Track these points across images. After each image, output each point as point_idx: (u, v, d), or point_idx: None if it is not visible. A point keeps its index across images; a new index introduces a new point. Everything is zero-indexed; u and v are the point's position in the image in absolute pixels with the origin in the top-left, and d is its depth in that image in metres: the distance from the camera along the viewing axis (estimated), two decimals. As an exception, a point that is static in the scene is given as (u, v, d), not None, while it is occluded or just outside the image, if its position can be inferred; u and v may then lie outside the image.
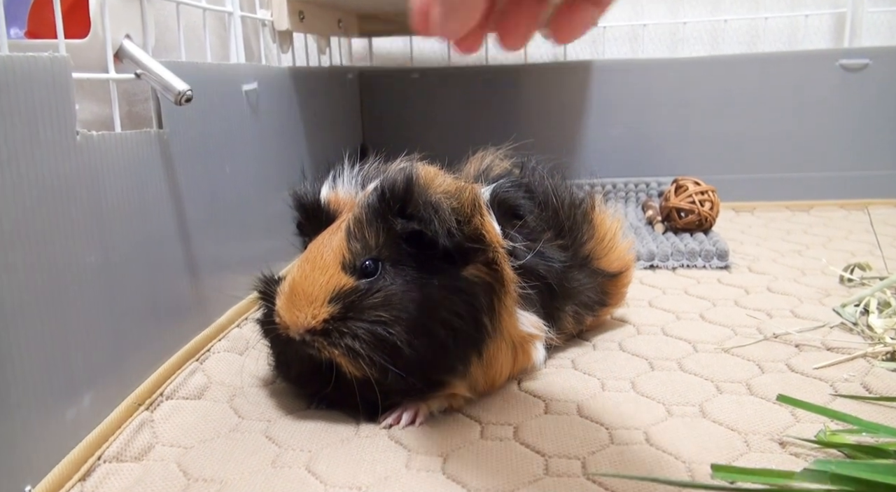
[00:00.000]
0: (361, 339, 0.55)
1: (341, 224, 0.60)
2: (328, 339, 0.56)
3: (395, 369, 0.55)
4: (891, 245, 1.09)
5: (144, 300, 0.63)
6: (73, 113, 0.52)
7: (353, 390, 0.57)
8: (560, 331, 0.70)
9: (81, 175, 0.53)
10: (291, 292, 0.58)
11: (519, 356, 0.64)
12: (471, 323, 0.58)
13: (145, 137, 0.63)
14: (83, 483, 0.51)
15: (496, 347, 0.61)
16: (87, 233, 0.54)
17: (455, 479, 0.52)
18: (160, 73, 0.61)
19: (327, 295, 0.56)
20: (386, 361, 0.55)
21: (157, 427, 0.59)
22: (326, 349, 0.56)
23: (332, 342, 0.56)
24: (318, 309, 0.56)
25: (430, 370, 0.58)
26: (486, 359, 0.61)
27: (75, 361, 0.53)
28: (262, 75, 0.91)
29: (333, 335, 0.56)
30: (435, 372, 0.58)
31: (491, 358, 0.61)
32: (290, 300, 0.57)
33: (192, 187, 0.71)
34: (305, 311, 0.56)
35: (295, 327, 0.57)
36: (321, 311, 0.56)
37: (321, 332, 0.56)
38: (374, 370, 0.55)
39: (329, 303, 0.56)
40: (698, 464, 0.52)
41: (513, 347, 0.63)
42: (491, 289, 0.60)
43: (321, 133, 1.16)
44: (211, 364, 0.70)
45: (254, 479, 0.52)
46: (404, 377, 0.56)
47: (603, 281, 0.75)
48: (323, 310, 0.56)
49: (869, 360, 0.69)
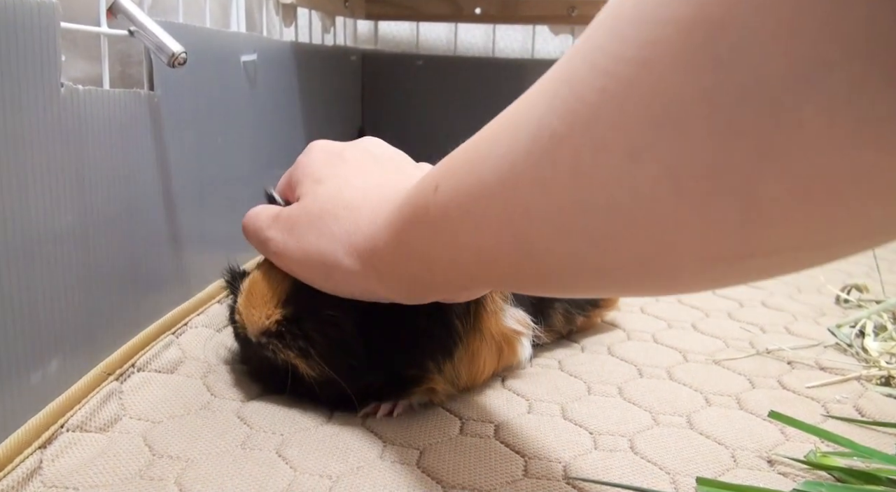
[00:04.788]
0: (313, 340, 0.54)
1: None
2: (282, 341, 0.55)
3: (354, 368, 0.54)
4: (889, 270, 1.07)
5: (122, 267, 0.60)
6: (59, 63, 0.49)
7: (314, 388, 0.56)
8: (549, 328, 0.68)
9: (63, 130, 0.51)
10: (249, 291, 0.57)
11: (504, 352, 0.62)
12: (438, 323, 0.56)
13: (134, 98, 0.60)
14: (43, 451, 0.49)
15: (477, 344, 0.59)
16: (66, 191, 0.52)
17: (430, 473, 0.50)
18: (154, 32, 0.58)
19: (282, 295, 0.55)
20: (340, 361, 0.54)
21: (125, 399, 0.57)
22: (281, 352, 0.55)
23: (286, 344, 0.54)
24: (272, 310, 0.55)
25: (397, 368, 0.56)
26: (468, 355, 0.59)
27: (43, 323, 0.50)
28: (262, 47, 0.88)
29: (287, 338, 0.54)
30: (402, 369, 0.56)
31: (473, 354, 0.59)
32: (247, 299, 0.56)
33: (180, 155, 0.69)
34: (261, 311, 0.55)
35: (251, 328, 0.56)
36: (274, 312, 0.55)
37: (275, 334, 0.55)
38: (330, 370, 0.54)
39: (283, 304, 0.55)
40: (683, 476, 0.51)
41: (497, 343, 0.61)
42: None
43: (319, 112, 1.14)
44: (187, 339, 0.68)
45: (221, 460, 0.50)
46: (367, 374, 0.54)
47: None
48: (276, 311, 0.55)
49: (863, 383, 0.67)
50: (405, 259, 0.46)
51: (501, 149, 0.36)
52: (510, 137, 0.35)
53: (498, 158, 0.36)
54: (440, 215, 0.41)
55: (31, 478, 0.46)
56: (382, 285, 0.49)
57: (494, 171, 0.36)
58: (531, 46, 1.52)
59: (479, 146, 0.39)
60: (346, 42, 1.43)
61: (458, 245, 0.41)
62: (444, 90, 1.49)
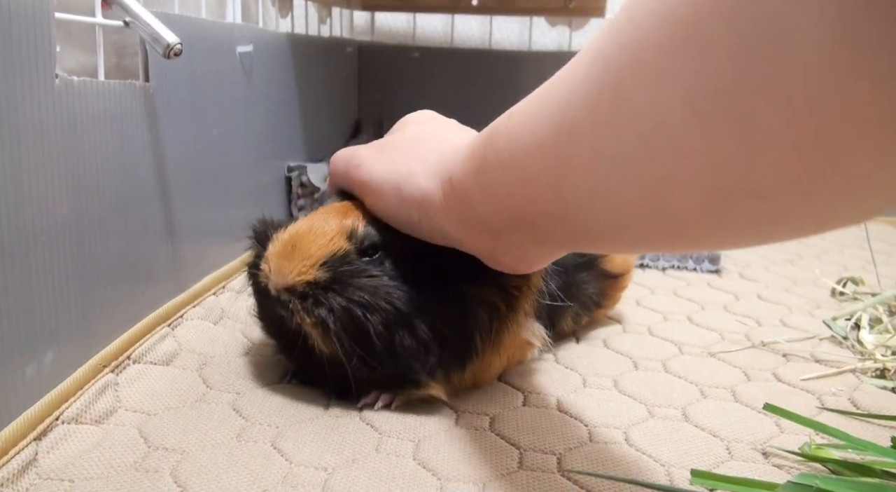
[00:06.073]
0: (336, 314, 0.52)
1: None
2: (303, 303, 0.53)
3: (365, 357, 0.53)
4: (885, 262, 1.07)
5: (117, 259, 0.60)
6: (53, 54, 0.49)
7: (322, 363, 0.54)
8: (558, 333, 0.68)
9: (58, 121, 0.51)
10: (289, 241, 0.54)
11: (513, 359, 0.63)
12: (461, 338, 0.55)
13: (129, 89, 0.60)
14: (38, 443, 0.48)
15: (492, 357, 0.59)
16: (61, 183, 0.52)
17: (425, 465, 0.50)
18: (150, 23, 0.58)
19: (322, 258, 0.53)
20: (355, 345, 0.52)
21: (121, 391, 0.57)
22: (299, 314, 0.53)
23: (306, 308, 0.52)
24: (308, 268, 0.52)
25: (406, 370, 0.55)
26: (481, 366, 0.58)
27: (39, 315, 0.50)
28: (258, 38, 0.88)
29: (310, 301, 0.52)
30: (411, 372, 0.55)
31: (486, 365, 0.59)
32: (284, 249, 0.54)
33: (175, 147, 0.69)
34: (295, 265, 0.53)
35: (277, 280, 0.53)
36: (309, 271, 0.52)
37: (300, 294, 0.53)
38: (342, 352, 0.52)
39: (321, 266, 0.53)
40: (678, 468, 0.51)
41: (511, 354, 0.61)
42: (495, 310, 0.56)
43: (315, 104, 1.14)
44: (183, 331, 0.68)
45: (216, 451, 0.50)
46: (375, 368, 0.53)
47: (604, 282, 0.74)
48: (311, 271, 0.52)
49: (858, 375, 0.67)
50: (474, 190, 0.47)
51: (562, 82, 0.38)
52: (569, 68, 0.38)
53: (556, 94, 0.38)
54: (502, 153, 0.43)
55: (26, 470, 0.46)
56: (445, 214, 0.49)
57: (554, 106, 0.38)
58: (528, 38, 1.52)
59: (538, 94, 0.41)
60: (342, 33, 1.43)
61: (509, 180, 0.43)
62: (441, 82, 1.49)
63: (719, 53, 0.28)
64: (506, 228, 0.47)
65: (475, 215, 0.48)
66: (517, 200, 0.43)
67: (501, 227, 0.47)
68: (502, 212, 0.45)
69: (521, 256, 0.51)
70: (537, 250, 0.50)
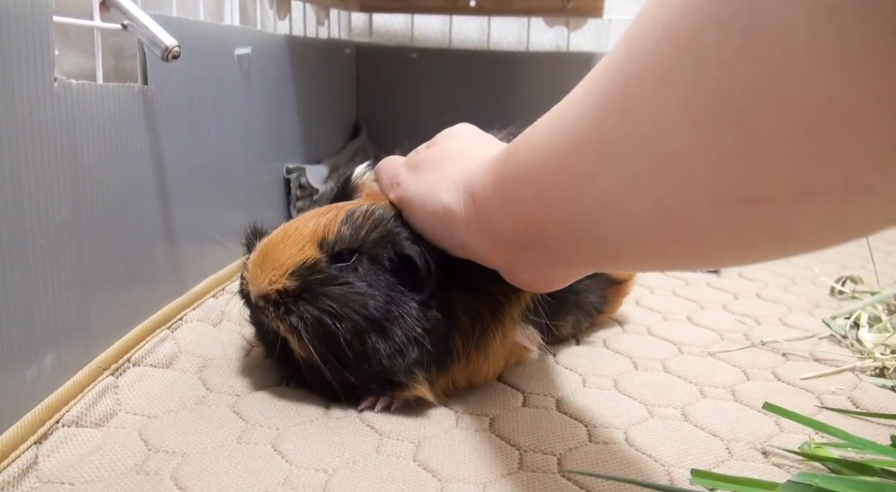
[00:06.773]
0: (307, 322, 0.53)
1: (347, 206, 0.58)
2: (276, 311, 0.55)
3: (336, 363, 0.54)
4: (884, 261, 1.07)
5: (116, 262, 0.60)
6: (52, 57, 0.49)
7: (301, 368, 0.57)
8: (556, 338, 0.69)
9: (57, 124, 0.51)
10: (263, 252, 0.56)
11: (510, 361, 0.63)
12: (439, 341, 0.56)
13: (128, 92, 0.60)
14: (39, 446, 0.49)
15: (480, 362, 0.59)
16: (60, 186, 0.52)
17: (426, 467, 0.50)
18: (148, 26, 0.58)
19: (291, 267, 0.55)
20: (327, 352, 0.53)
21: (121, 394, 0.57)
22: (274, 321, 0.55)
23: (279, 316, 0.54)
24: (278, 277, 0.55)
25: (382, 372, 0.55)
26: (468, 369, 0.59)
27: (38, 319, 0.50)
28: (256, 40, 0.88)
29: (281, 309, 0.54)
30: (388, 374, 0.55)
31: (475, 370, 0.60)
32: (258, 258, 0.56)
33: (174, 149, 0.69)
34: (266, 274, 0.55)
35: (252, 288, 0.56)
36: (279, 280, 0.54)
37: (273, 302, 0.55)
38: (317, 357, 0.54)
39: (290, 275, 0.54)
40: (678, 468, 0.51)
41: (505, 358, 0.62)
42: (479, 316, 0.57)
43: (314, 106, 1.14)
44: (182, 333, 0.68)
45: (217, 454, 0.50)
46: (353, 371, 0.54)
47: (608, 288, 0.74)
48: (281, 280, 0.54)
49: (857, 374, 0.68)
50: (493, 203, 0.48)
51: (580, 91, 0.39)
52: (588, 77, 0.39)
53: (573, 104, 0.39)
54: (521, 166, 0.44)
55: (26, 473, 0.46)
56: (465, 227, 0.51)
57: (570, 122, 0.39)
58: (526, 39, 1.51)
59: (559, 105, 0.42)
60: (340, 35, 1.43)
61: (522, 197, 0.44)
62: (439, 83, 1.49)
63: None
64: (522, 242, 0.47)
65: (493, 229, 0.48)
66: (533, 214, 0.44)
67: (517, 241, 0.47)
68: (519, 226, 0.46)
69: (537, 274, 0.52)
70: (552, 269, 0.51)
